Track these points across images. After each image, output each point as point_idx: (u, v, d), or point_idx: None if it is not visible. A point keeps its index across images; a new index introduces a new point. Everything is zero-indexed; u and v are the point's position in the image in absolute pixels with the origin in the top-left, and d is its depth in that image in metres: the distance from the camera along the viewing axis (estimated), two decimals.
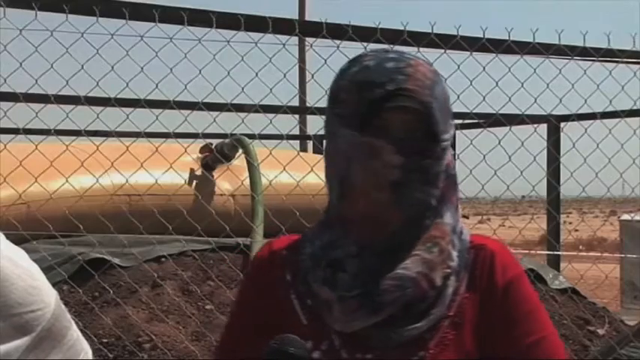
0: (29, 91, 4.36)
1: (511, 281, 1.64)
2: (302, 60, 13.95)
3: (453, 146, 1.70)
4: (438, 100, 1.58)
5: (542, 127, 6.63)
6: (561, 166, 6.62)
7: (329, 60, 4.49)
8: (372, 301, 1.55)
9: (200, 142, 5.94)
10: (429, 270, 1.58)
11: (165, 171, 5.18)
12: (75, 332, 1.48)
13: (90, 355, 1.51)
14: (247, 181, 5.59)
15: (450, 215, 1.64)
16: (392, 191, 1.57)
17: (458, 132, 8.27)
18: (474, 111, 5.37)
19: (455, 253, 1.62)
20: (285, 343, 1.41)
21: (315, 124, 11.90)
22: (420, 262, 1.58)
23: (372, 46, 4.61)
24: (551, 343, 1.65)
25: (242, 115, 4.79)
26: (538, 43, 4.93)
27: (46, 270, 5.07)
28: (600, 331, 5.70)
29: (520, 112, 5.30)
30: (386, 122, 1.56)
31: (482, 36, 4.82)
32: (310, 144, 10.05)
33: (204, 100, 4.78)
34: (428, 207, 1.61)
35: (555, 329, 1.69)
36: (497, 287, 1.63)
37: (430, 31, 4.66)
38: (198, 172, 6.10)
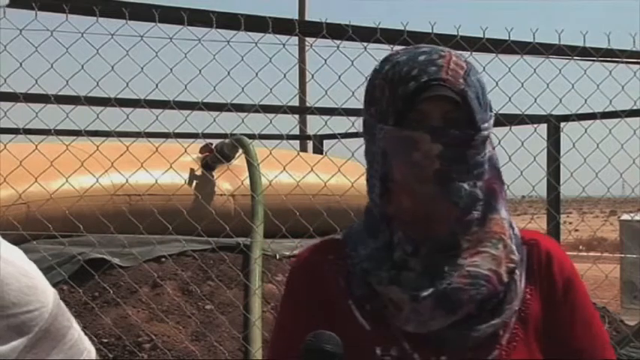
0: (29, 91, 4.36)
1: (570, 278, 1.63)
2: (302, 60, 13.94)
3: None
4: (473, 88, 1.56)
5: (542, 127, 6.62)
6: (561, 166, 6.61)
7: (329, 60, 4.49)
8: (449, 301, 1.52)
9: (200, 142, 5.94)
10: (497, 266, 1.56)
11: (165, 171, 5.17)
12: (76, 331, 1.45)
13: (93, 354, 1.48)
14: (247, 181, 5.59)
15: (504, 210, 1.62)
16: (436, 182, 1.53)
17: None
18: None
19: (514, 247, 1.60)
20: (321, 341, 1.38)
21: (315, 124, 11.91)
22: (490, 258, 1.56)
23: (372, 46, 4.62)
24: (607, 342, 1.66)
25: (242, 115, 4.79)
26: (538, 43, 4.93)
27: (46, 270, 5.08)
28: None
29: (520, 112, 5.29)
30: (422, 114, 1.55)
31: (482, 36, 4.82)
32: (310, 144, 10.04)
33: (204, 100, 4.77)
34: (476, 199, 1.57)
35: (604, 328, 1.71)
36: (557, 284, 1.62)
37: (430, 31, 4.66)
38: (198, 172, 6.10)
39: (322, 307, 1.61)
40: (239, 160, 6.03)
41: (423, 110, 1.54)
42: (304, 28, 5.07)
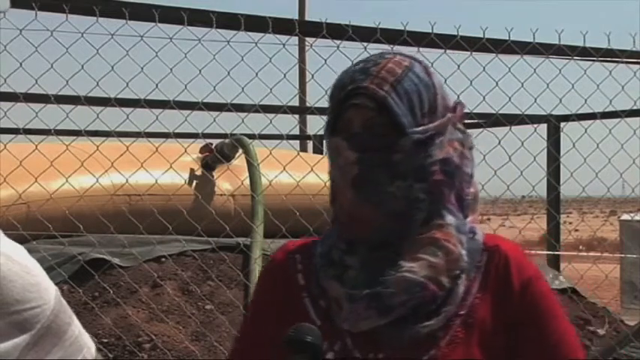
0: (29, 91, 4.36)
1: (528, 282, 1.64)
2: (302, 60, 13.94)
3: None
4: (401, 93, 1.59)
5: (542, 127, 6.63)
6: (561, 166, 6.62)
7: (329, 60, 4.49)
8: (381, 303, 1.56)
9: (200, 142, 5.94)
10: (435, 274, 1.58)
11: (165, 171, 5.17)
12: (76, 328, 1.46)
13: (93, 350, 1.49)
14: (247, 181, 5.59)
15: (451, 215, 1.63)
16: (355, 187, 1.59)
17: None
18: (474, 111, 5.37)
19: (464, 252, 1.61)
20: (302, 332, 1.44)
21: (315, 124, 11.91)
22: (426, 266, 1.58)
23: (372, 46, 4.62)
24: (573, 341, 1.66)
25: (242, 115, 4.79)
26: (538, 43, 4.93)
27: (46, 270, 5.06)
28: (600, 331, 5.70)
29: (520, 112, 5.29)
30: (345, 121, 1.61)
31: (482, 36, 4.82)
32: (310, 144, 10.05)
33: (204, 100, 4.78)
34: (414, 202, 1.60)
35: (573, 327, 1.70)
36: (514, 288, 1.63)
37: (430, 31, 4.67)
38: (198, 172, 6.10)
39: (283, 304, 1.69)
40: (239, 160, 6.03)
41: (346, 118, 1.61)
42: (304, 28, 5.08)
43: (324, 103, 1.74)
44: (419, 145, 1.60)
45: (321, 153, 7.67)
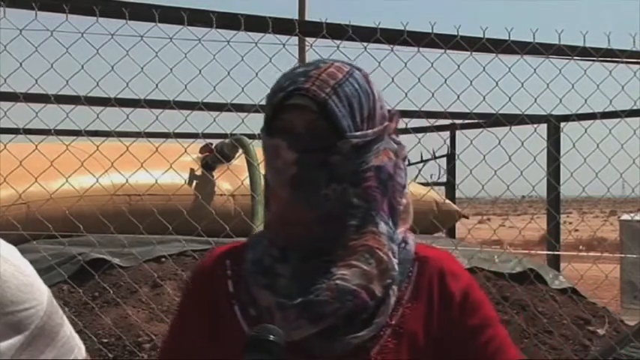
0: (29, 91, 4.36)
1: (466, 291, 1.64)
2: (302, 60, 13.93)
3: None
4: (342, 97, 1.59)
5: (542, 127, 6.64)
6: (561, 166, 6.62)
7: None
8: (312, 312, 1.54)
9: (200, 142, 5.94)
10: (367, 282, 1.57)
11: (165, 171, 5.17)
12: (68, 328, 1.47)
13: (83, 351, 1.50)
14: (247, 181, 5.59)
15: (384, 224, 1.61)
16: (292, 186, 1.58)
17: (458, 132, 8.30)
18: (474, 111, 5.37)
19: (395, 261, 1.60)
20: (264, 331, 1.43)
21: None
22: (359, 273, 1.56)
23: (372, 46, 4.62)
24: (511, 349, 1.66)
25: (242, 115, 4.79)
26: (538, 43, 4.93)
27: (46, 270, 5.09)
28: (600, 331, 5.70)
29: (520, 112, 5.29)
30: (285, 122, 1.60)
31: (482, 36, 4.82)
32: None
33: (204, 100, 4.77)
34: (347, 206, 1.59)
35: (508, 334, 1.70)
36: (455, 299, 1.63)
37: (430, 31, 4.67)
38: (198, 172, 6.11)
39: (211, 309, 1.67)
40: (239, 160, 6.03)
41: (287, 119, 1.60)
42: (304, 28, 5.07)
43: None
44: (357, 150, 1.59)
45: None
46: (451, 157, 8.67)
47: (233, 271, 1.68)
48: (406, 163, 1.70)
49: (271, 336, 1.42)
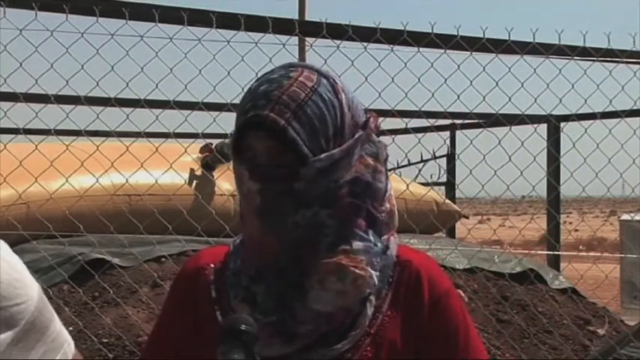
0: (29, 91, 4.36)
1: (439, 298, 1.61)
2: (302, 60, 13.95)
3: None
4: (304, 120, 1.52)
5: (542, 127, 6.64)
6: (561, 166, 6.62)
7: (329, 60, 4.49)
8: (286, 331, 1.53)
9: (200, 142, 5.94)
10: (342, 301, 1.55)
11: (165, 171, 5.18)
12: (57, 324, 1.48)
13: (72, 345, 1.50)
14: None
15: (358, 241, 1.57)
16: (258, 216, 1.54)
17: (458, 132, 8.30)
18: (474, 111, 5.37)
19: (375, 274, 1.57)
20: (236, 321, 1.43)
21: None
22: (335, 295, 1.54)
23: (372, 46, 4.62)
24: (479, 355, 1.64)
25: None
26: (538, 43, 4.93)
27: (46, 270, 5.08)
28: (600, 331, 5.70)
29: (520, 112, 5.29)
30: (248, 147, 1.55)
31: (482, 36, 4.82)
32: None
33: (204, 100, 4.77)
34: (319, 227, 1.55)
35: (481, 342, 1.68)
36: (424, 305, 1.60)
37: (430, 31, 4.67)
38: (199, 172, 6.11)
39: (193, 312, 1.66)
40: None
41: (248, 144, 1.55)
42: (304, 28, 5.07)
43: None
44: (322, 173, 1.54)
45: None
46: (451, 157, 8.68)
47: (216, 277, 1.66)
48: (387, 164, 1.64)
49: (243, 325, 1.42)
